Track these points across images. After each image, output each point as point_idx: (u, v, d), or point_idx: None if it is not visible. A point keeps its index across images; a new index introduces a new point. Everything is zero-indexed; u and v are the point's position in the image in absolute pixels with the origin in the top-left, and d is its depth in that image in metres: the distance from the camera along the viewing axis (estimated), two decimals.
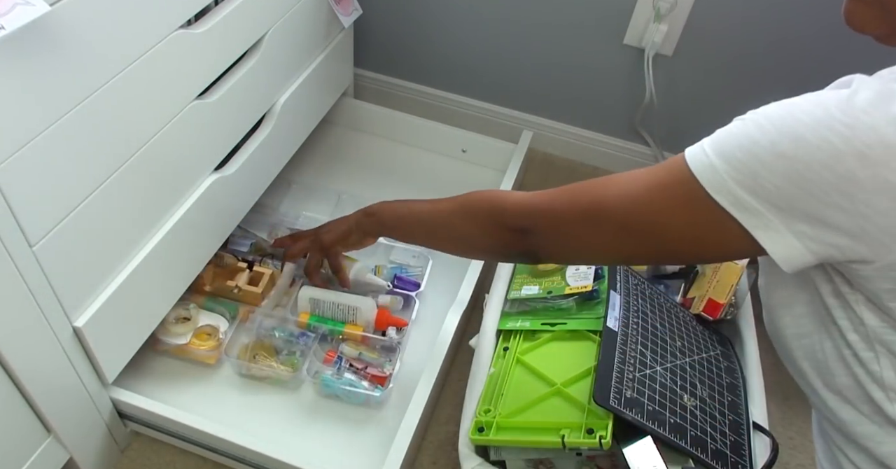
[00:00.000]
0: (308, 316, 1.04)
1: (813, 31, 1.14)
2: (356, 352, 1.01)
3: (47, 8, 0.57)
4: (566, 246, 0.70)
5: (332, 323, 1.03)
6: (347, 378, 0.98)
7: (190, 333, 0.99)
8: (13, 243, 0.64)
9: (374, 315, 1.03)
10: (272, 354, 1.00)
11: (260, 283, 1.03)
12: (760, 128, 0.55)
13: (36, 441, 0.79)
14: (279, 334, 1.02)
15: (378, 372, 0.99)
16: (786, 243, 0.53)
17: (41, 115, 0.63)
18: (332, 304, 1.03)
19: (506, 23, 1.33)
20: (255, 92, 1.01)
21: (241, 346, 1.01)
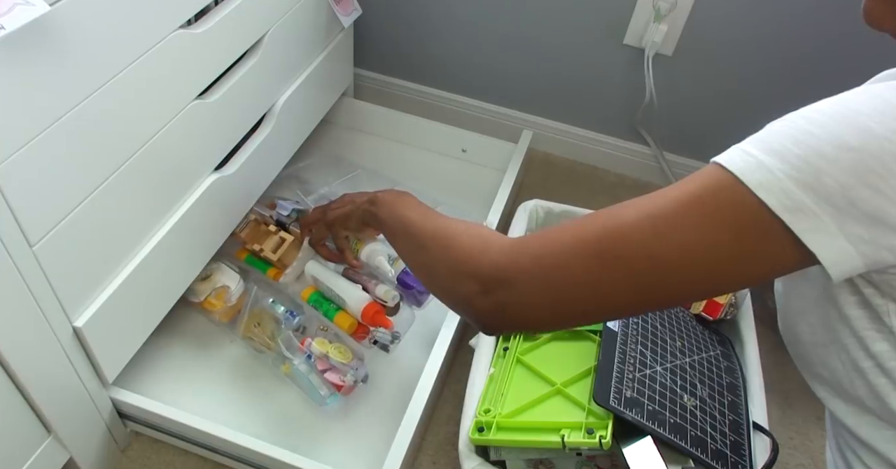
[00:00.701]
0: (311, 292, 1.02)
1: (813, 30, 1.14)
2: (323, 351, 0.96)
3: (47, 8, 0.57)
4: (557, 297, 0.55)
5: (327, 306, 1.01)
6: (310, 375, 0.96)
7: (207, 292, 1.01)
8: (13, 243, 0.64)
9: (363, 307, 0.98)
10: (272, 325, 0.99)
11: (279, 250, 1.03)
12: (815, 122, 0.50)
13: (36, 441, 0.79)
14: (277, 307, 1.01)
15: (337, 379, 0.95)
16: (838, 248, 0.48)
17: (41, 115, 0.63)
18: (327, 287, 1.01)
19: (506, 23, 1.33)
20: (255, 92, 1.01)
21: (252, 311, 1.02)
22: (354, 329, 0.99)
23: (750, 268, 0.51)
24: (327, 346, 0.97)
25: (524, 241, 0.59)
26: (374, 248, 1.01)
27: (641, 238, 0.52)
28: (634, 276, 0.52)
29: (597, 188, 1.45)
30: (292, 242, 1.04)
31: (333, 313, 1.00)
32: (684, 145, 1.38)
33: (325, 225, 0.98)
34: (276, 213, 1.09)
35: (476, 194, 1.31)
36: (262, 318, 1.01)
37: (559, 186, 1.43)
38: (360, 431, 0.96)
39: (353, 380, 0.95)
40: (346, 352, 0.97)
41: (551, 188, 1.43)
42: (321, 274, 1.01)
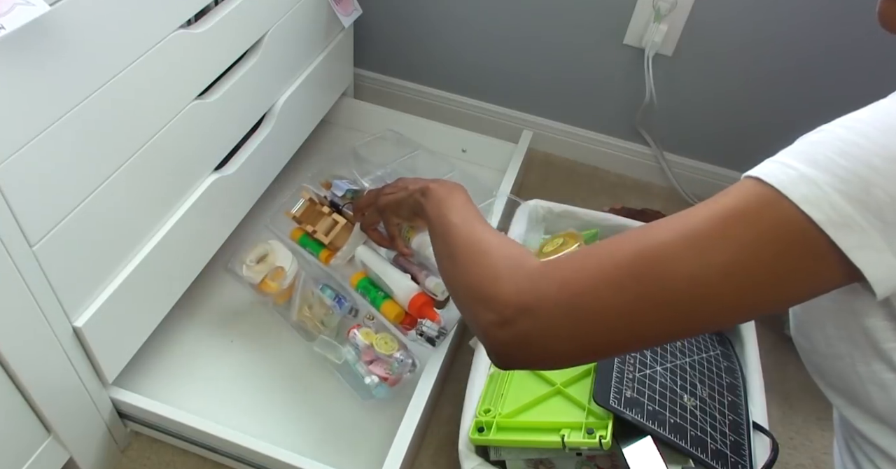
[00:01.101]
0: (360, 278, 1.00)
1: (813, 30, 1.14)
2: (367, 342, 0.95)
3: (47, 8, 0.57)
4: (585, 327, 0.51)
5: (375, 293, 0.98)
6: (356, 365, 0.94)
7: (264, 273, 1.01)
8: (13, 243, 0.64)
9: (411, 297, 0.95)
10: (322, 310, 0.98)
11: (331, 232, 1.00)
12: (859, 132, 0.48)
13: (36, 441, 0.79)
14: (326, 292, 0.99)
15: (382, 371, 0.94)
16: (886, 264, 0.46)
17: (41, 115, 0.63)
18: (376, 274, 0.98)
19: (506, 23, 1.33)
20: (255, 92, 1.01)
21: (304, 294, 1.01)
22: (401, 319, 0.97)
23: (792, 286, 0.48)
24: (372, 337, 0.95)
25: (552, 265, 0.54)
26: (426, 238, 0.95)
27: (679, 259, 0.48)
28: (672, 300, 0.48)
29: (597, 188, 1.45)
30: (345, 225, 1.01)
31: (381, 301, 0.98)
32: (684, 145, 1.38)
33: (377, 210, 0.94)
34: (331, 194, 1.05)
35: (476, 194, 1.31)
36: (312, 302, 0.99)
37: (559, 186, 1.43)
38: (360, 431, 0.96)
39: (399, 372, 0.93)
40: (391, 342, 0.95)
41: (551, 188, 1.43)
42: (371, 260, 0.99)
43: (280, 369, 1.02)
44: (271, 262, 1.01)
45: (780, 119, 1.27)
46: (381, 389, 0.94)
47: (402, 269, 0.98)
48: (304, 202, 1.05)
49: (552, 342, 0.52)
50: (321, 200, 1.05)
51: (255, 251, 1.03)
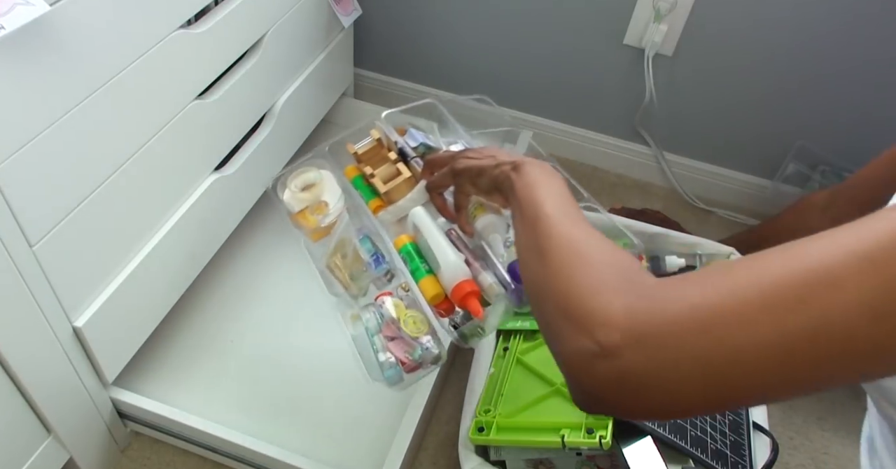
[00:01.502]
0: (407, 241, 0.86)
1: (813, 30, 1.14)
2: (395, 315, 0.82)
3: (47, 8, 0.57)
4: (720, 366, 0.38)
5: (418, 263, 0.84)
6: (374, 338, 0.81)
7: (306, 203, 0.90)
8: (13, 243, 0.64)
9: (454, 285, 0.78)
10: (356, 264, 0.87)
11: (391, 182, 0.88)
12: None
13: (36, 441, 0.79)
14: (365, 245, 0.87)
15: (402, 353, 0.80)
16: None
17: (41, 115, 0.63)
18: (426, 244, 0.83)
19: (505, 23, 1.33)
20: (255, 92, 1.01)
21: (341, 239, 0.88)
22: (439, 301, 0.82)
23: None
24: (401, 311, 0.83)
25: (677, 283, 0.42)
26: (493, 221, 0.83)
27: (853, 283, 0.36)
28: (845, 337, 0.36)
29: (596, 188, 1.45)
30: (408, 179, 0.88)
31: (422, 274, 0.82)
32: (684, 145, 1.38)
33: (451, 172, 0.80)
34: (403, 141, 0.92)
35: None
36: (347, 251, 0.88)
37: None
38: (360, 431, 0.96)
39: (421, 360, 0.80)
40: (420, 324, 0.82)
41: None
42: (425, 225, 0.84)
43: (280, 370, 1.02)
44: (317, 194, 0.90)
45: (779, 119, 1.27)
46: (394, 372, 0.80)
47: (455, 247, 0.83)
48: (371, 141, 0.93)
49: (672, 385, 0.39)
50: (390, 144, 0.92)
51: (302, 177, 0.92)
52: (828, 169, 1.28)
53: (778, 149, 1.31)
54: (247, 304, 1.10)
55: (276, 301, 1.11)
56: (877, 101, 1.18)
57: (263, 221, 1.22)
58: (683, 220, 1.38)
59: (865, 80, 1.17)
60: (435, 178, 0.83)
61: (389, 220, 0.88)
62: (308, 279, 1.14)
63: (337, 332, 1.07)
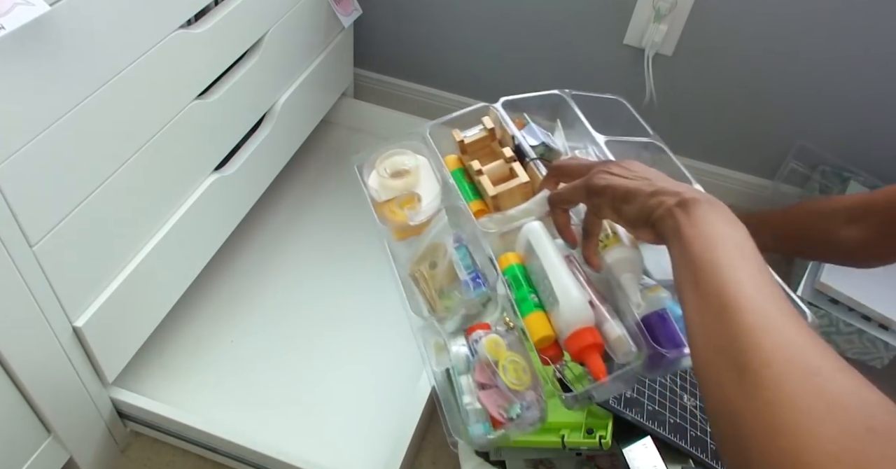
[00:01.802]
0: (515, 262, 0.68)
1: (813, 30, 1.14)
2: (492, 357, 0.65)
3: (47, 8, 0.57)
4: None
5: (526, 294, 0.65)
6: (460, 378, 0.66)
7: (396, 193, 0.76)
8: (13, 243, 0.64)
9: (573, 331, 0.61)
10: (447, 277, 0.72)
11: (501, 184, 0.72)
12: None
13: (36, 441, 0.79)
14: (462, 257, 0.71)
15: (494, 407, 0.64)
16: None
17: (41, 114, 0.63)
18: (540, 270, 0.65)
19: (506, 23, 1.33)
20: (255, 92, 1.01)
21: (433, 244, 0.74)
22: (546, 345, 0.64)
23: None
24: (501, 354, 0.65)
25: None
26: (629, 257, 0.65)
27: None
28: None
29: None
30: (523, 184, 0.72)
31: (529, 308, 0.65)
32: (684, 145, 1.38)
33: (586, 188, 0.63)
34: (521, 136, 0.77)
35: None
36: (438, 259, 0.73)
37: None
38: (360, 431, 0.96)
39: (518, 423, 0.63)
40: (523, 373, 0.65)
41: None
42: (543, 247, 0.66)
43: (280, 369, 1.02)
44: (410, 184, 0.75)
45: (780, 119, 1.27)
46: (480, 427, 0.64)
47: (577, 281, 0.64)
48: (482, 130, 0.78)
49: None
50: (504, 137, 0.77)
51: (395, 160, 0.77)
52: (828, 169, 1.28)
53: (778, 149, 1.31)
54: (247, 304, 1.10)
55: (277, 301, 1.11)
56: (877, 101, 1.18)
57: (263, 221, 1.22)
58: None
59: (866, 80, 1.17)
60: (563, 192, 0.67)
61: (495, 231, 0.71)
62: (308, 279, 1.14)
63: (337, 333, 1.08)
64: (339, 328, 1.08)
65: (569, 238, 0.68)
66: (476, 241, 0.71)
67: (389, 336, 1.08)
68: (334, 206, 1.27)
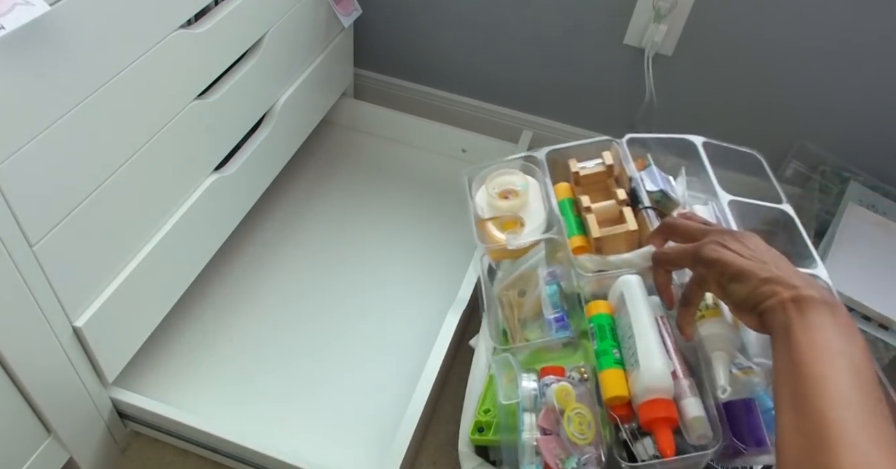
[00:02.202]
0: (604, 311, 0.67)
1: (813, 29, 1.14)
2: (559, 405, 0.64)
3: (47, 8, 0.57)
4: None
5: (608, 347, 0.65)
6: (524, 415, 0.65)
7: (498, 213, 0.76)
8: (13, 243, 0.64)
9: (649, 399, 0.60)
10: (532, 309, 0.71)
11: (607, 228, 0.71)
12: None
13: (36, 441, 0.79)
14: (551, 293, 0.70)
15: (551, 456, 0.62)
16: None
17: (41, 115, 0.63)
18: (628, 327, 0.64)
19: (506, 23, 1.33)
20: (255, 92, 1.01)
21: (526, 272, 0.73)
22: (617, 405, 0.64)
23: None
24: (570, 403, 0.64)
25: None
26: (726, 335, 0.63)
27: None
28: None
29: None
30: (629, 232, 0.71)
31: (609, 363, 0.64)
32: None
33: (695, 256, 0.60)
34: (639, 179, 0.75)
35: None
36: (529, 288, 0.73)
37: None
38: (360, 431, 0.96)
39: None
40: (587, 429, 0.63)
41: None
42: (636, 304, 0.65)
43: (280, 369, 1.02)
44: (516, 207, 0.75)
45: (780, 119, 1.27)
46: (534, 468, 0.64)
47: (665, 347, 0.63)
48: (600, 165, 0.77)
49: None
50: (622, 177, 0.76)
51: (505, 179, 0.76)
52: (828, 169, 1.28)
53: (778, 149, 1.31)
54: (247, 304, 1.10)
55: (276, 301, 1.11)
56: (878, 101, 1.18)
57: (263, 221, 1.22)
58: None
59: (866, 80, 1.17)
60: (670, 253, 0.64)
61: (590, 272, 0.70)
62: (308, 279, 1.14)
63: (337, 333, 1.08)
64: (339, 328, 1.08)
65: (667, 299, 0.66)
66: (569, 276, 0.71)
67: (390, 336, 1.08)
68: (334, 206, 1.27)
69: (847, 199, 1.21)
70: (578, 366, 0.67)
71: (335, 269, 1.16)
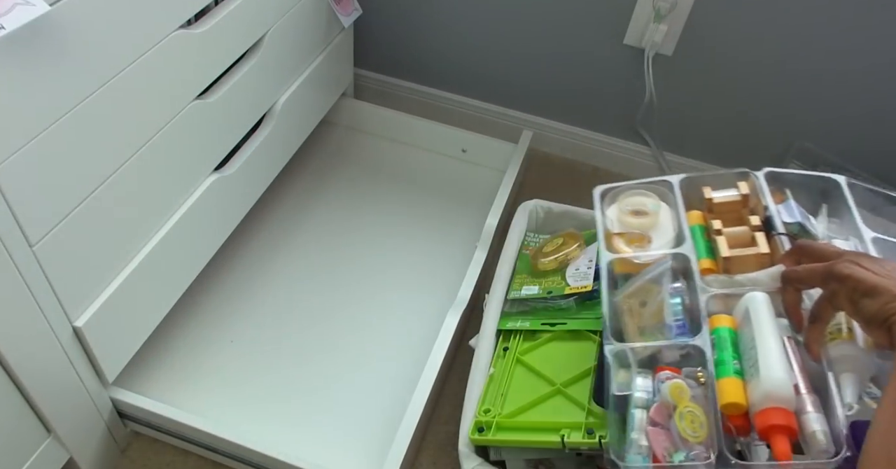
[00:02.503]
0: (726, 325, 0.68)
1: (813, 29, 1.14)
2: (672, 400, 0.65)
3: (47, 8, 0.57)
4: None
5: (728, 357, 0.66)
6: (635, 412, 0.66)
7: (626, 229, 0.79)
8: (13, 243, 0.64)
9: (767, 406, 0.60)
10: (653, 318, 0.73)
11: (738, 249, 0.73)
12: None
13: (36, 441, 0.79)
14: (674, 299, 0.73)
15: (660, 448, 0.64)
16: None
17: (41, 114, 0.63)
18: (751, 339, 0.65)
19: (506, 22, 1.33)
20: (255, 92, 1.01)
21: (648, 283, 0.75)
22: (733, 413, 0.64)
23: None
24: (684, 401, 0.65)
25: None
26: (857, 357, 0.62)
27: None
28: None
29: None
30: (760, 255, 0.73)
31: (727, 372, 0.65)
32: (684, 145, 1.38)
33: (827, 273, 0.60)
34: (776, 211, 0.77)
35: (476, 194, 1.31)
36: (650, 299, 0.75)
37: (559, 186, 1.43)
38: (360, 431, 0.96)
39: (677, 466, 0.63)
40: (700, 427, 0.63)
41: (551, 188, 1.42)
42: (761, 319, 0.66)
43: (280, 369, 1.02)
44: (645, 226, 0.79)
45: (780, 119, 1.27)
46: (640, 460, 0.65)
47: (788, 360, 0.64)
48: (735, 195, 0.78)
49: None
50: (756, 207, 0.78)
51: (637, 200, 0.81)
52: (828, 169, 1.28)
53: (778, 149, 1.31)
54: (247, 304, 1.10)
55: (276, 301, 1.11)
56: (877, 101, 1.18)
57: (263, 221, 1.22)
58: None
59: (866, 80, 1.17)
60: (800, 270, 0.65)
61: (714, 290, 0.72)
62: (308, 279, 1.14)
63: (337, 333, 1.08)
64: (339, 328, 1.08)
65: (795, 319, 0.66)
66: (694, 295, 0.72)
67: (390, 336, 1.08)
68: (334, 206, 1.27)
69: None
70: (695, 370, 0.68)
71: (335, 270, 1.16)
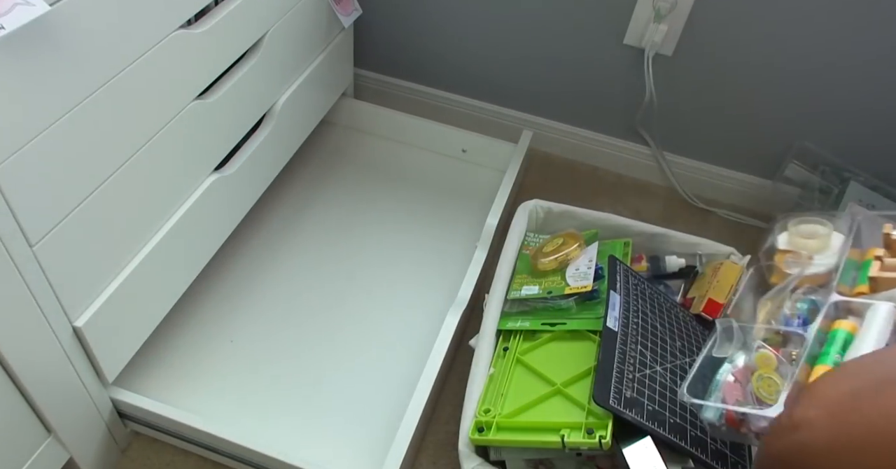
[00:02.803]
0: (846, 328, 0.71)
1: (812, 29, 1.14)
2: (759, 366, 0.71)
3: (47, 8, 0.57)
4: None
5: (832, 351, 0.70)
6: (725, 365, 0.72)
7: (797, 248, 0.84)
8: (13, 243, 0.64)
9: None
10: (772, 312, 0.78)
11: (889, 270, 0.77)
12: None
13: (36, 441, 0.79)
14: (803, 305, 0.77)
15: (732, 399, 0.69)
16: None
17: (41, 115, 0.63)
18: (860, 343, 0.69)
19: (506, 23, 1.33)
20: (255, 92, 1.01)
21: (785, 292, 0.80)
22: None
23: None
24: (768, 368, 0.70)
25: None
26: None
27: None
28: None
29: (597, 188, 1.45)
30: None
31: (825, 360, 0.69)
32: (684, 145, 1.38)
33: None
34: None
35: (476, 194, 1.31)
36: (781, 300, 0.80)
37: (559, 186, 1.43)
38: (360, 431, 0.96)
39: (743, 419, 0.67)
40: (775, 393, 0.68)
41: (551, 188, 1.43)
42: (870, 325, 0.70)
43: (280, 369, 1.02)
44: (811, 246, 0.83)
45: (780, 119, 1.27)
46: (715, 411, 0.69)
47: None
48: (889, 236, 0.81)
49: None
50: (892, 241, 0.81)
51: (811, 228, 0.85)
52: (828, 169, 1.28)
53: (778, 149, 1.31)
54: (247, 303, 1.10)
55: (276, 301, 1.11)
56: (877, 101, 1.18)
57: (263, 221, 1.22)
58: (683, 220, 1.38)
59: (866, 80, 1.17)
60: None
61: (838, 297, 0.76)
62: (308, 279, 1.14)
63: (337, 333, 1.08)
64: (339, 328, 1.09)
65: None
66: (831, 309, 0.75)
67: (389, 336, 1.08)
68: (334, 206, 1.27)
69: (847, 199, 1.21)
70: (791, 351, 0.71)
71: (335, 269, 1.17)
